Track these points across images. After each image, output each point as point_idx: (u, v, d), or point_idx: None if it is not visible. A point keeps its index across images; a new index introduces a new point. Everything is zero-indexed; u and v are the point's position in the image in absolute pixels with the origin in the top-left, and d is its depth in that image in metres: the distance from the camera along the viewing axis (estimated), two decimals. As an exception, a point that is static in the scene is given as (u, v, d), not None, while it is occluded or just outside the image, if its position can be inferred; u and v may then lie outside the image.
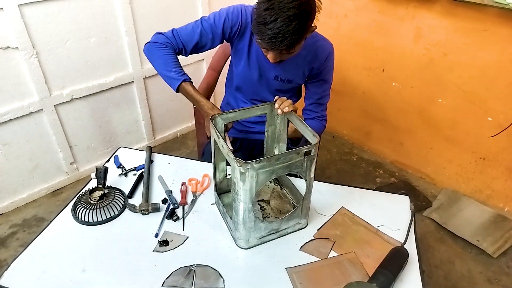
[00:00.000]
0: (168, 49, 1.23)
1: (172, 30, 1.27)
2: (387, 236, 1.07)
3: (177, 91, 1.24)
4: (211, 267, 0.97)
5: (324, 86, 1.35)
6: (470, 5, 1.74)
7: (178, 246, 1.03)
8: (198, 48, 1.28)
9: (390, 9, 2.07)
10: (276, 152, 1.24)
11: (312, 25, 1.06)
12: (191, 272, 0.96)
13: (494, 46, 1.76)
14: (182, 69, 1.24)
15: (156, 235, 1.06)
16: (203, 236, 1.07)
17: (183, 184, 1.24)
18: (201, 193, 1.22)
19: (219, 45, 1.32)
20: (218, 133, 0.99)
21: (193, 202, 1.19)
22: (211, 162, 1.14)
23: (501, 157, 1.94)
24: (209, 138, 1.53)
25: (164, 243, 1.03)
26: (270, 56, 1.10)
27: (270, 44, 1.01)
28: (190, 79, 1.24)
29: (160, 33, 1.27)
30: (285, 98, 1.10)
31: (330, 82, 1.36)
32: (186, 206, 1.17)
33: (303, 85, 1.43)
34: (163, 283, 0.93)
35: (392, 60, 2.19)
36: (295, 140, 1.29)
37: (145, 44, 1.27)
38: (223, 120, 1.09)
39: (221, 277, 0.95)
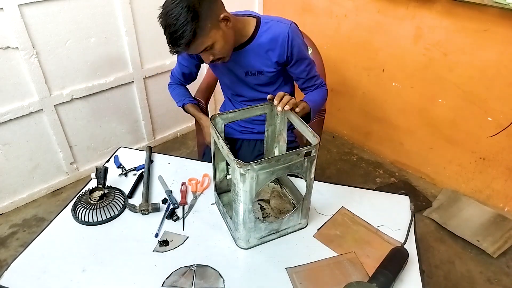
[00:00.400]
0: (174, 85, 1.53)
1: (171, 72, 1.52)
2: (387, 236, 1.07)
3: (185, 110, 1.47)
4: (211, 267, 0.97)
5: (304, 62, 1.31)
6: (470, 5, 1.74)
7: (178, 246, 1.03)
8: (189, 76, 1.48)
9: (390, 9, 2.07)
10: (276, 152, 1.24)
11: (221, 16, 1.10)
12: (191, 272, 0.96)
13: (494, 46, 1.76)
14: (183, 97, 1.47)
15: (156, 235, 1.06)
16: (203, 236, 1.07)
17: (183, 184, 1.24)
18: (201, 193, 1.22)
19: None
20: (218, 134, 0.99)
21: (193, 202, 1.19)
22: (211, 162, 1.14)
23: (501, 157, 1.94)
24: (208, 146, 1.55)
25: (164, 243, 1.03)
26: (203, 57, 1.17)
27: (174, 46, 1.08)
28: (192, 101, 1.48)
29: (171, 74, 1.53)
30: (282, 93, 1.09)
31: (309, 57, 1.33)
32: (186, 206, 1.17)
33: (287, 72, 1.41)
34: (163, 283, 0.93)
35: (392, 60, 2.19)
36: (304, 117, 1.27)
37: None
38: (223, 120, 1.09)
39: (221, 277, 0.95)
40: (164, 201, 1.18)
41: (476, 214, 2.01)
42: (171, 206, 1.16)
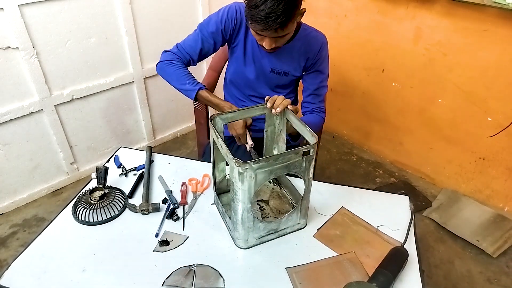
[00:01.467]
0: (178, 63, 1.30)
1: (176, 45, 1.34)
2: (387, 236, 1.07)
3: (195, 99, 1.29)
4: (211, 267, 0.97)
5: (320, 76, 1.36)
6: (470, 5, 1.74)
7: (178, 246, 1.03)
8: (203, 55, 1.35)
9: (390, 9, 2.07)
10: (275, 152, 1.24)
11: (301, 8, 1.11)
12: (191, 272, 0.96)
13: (494, 46, 1.76)
14: (195, 79, 1.30)
15: (157, 235, 1.06)
16: (203, 236, 1.07)
17: (183, 184, 1.24)
18: (201, 193, 1.23)
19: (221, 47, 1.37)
20: (217, 133, 0.99)
21: (193, 202, 1.19)
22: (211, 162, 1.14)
23: (501, 157, 1.94)
24: (208, 146, 1.55)
25: (164, 243, 1.03)
26: (265, 42, 1.14)
27: (264, 25, 1.04)
28: (205, 86, 1.29)
29: (166, 50, 1.35)
30: (276, 96, 1.10)
31: (326, 74, 1.38)
32: (186, 206, 1.17)
33: (300, 82, 1.45)
34: (163, 283, 0.93)
35: (392, 60, 2.19)
36: (295, 136, 1.30)
37: (156, 64, 1.35)
38: (222, 120, 1.09)
39: (221, 276, 0.95)
40: (164, 201, 1.18)
41: (476, 214, 2.01)
42: (171, 206, 1.16)
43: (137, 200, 1.19)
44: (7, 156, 1.98)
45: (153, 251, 1.01)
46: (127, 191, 1.22)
